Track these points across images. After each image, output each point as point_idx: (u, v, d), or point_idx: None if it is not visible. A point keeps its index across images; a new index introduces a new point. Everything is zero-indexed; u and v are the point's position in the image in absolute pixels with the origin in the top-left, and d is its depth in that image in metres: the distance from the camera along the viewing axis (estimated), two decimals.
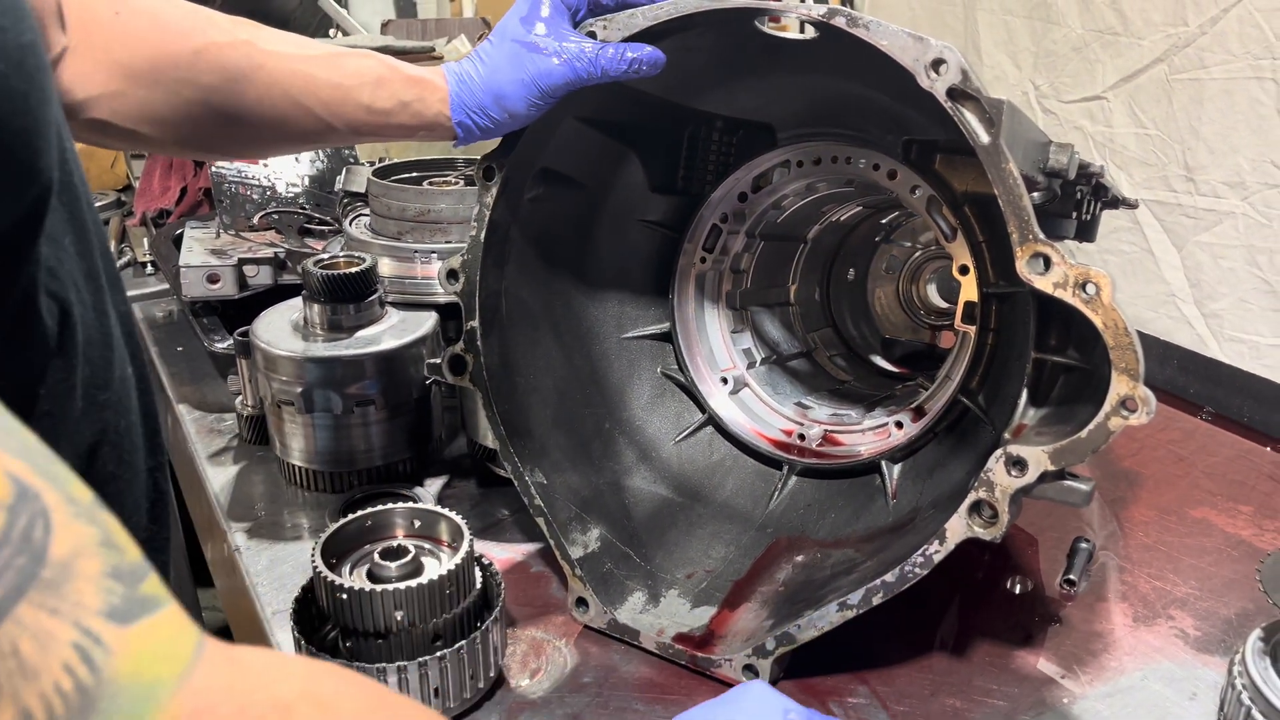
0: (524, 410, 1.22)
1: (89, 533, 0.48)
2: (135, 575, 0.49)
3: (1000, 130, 0.88)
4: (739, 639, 1.08)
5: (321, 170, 1.93)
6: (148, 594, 0.49)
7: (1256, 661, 0.93)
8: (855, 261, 1.59)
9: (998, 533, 0.92)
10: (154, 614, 0.49)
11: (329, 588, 0.98)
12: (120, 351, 0.84)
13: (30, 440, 0.49)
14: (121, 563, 0.48)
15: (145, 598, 0.49)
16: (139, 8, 1.00)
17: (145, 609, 0.48)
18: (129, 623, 0.47)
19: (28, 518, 0.45)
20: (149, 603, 0.49)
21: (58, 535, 0.46)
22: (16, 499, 0.45)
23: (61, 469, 0.49)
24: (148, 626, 0.48)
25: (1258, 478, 1.49)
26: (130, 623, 0.47)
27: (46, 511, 0.46)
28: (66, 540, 0.46)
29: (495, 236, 1.18)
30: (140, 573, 0.49)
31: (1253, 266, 1.80)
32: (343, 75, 1.07)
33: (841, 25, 0.94)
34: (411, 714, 0.65)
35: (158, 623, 0.49)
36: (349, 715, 0.57)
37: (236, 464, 1.52)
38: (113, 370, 0.83)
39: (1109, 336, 0.85)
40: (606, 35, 1.08)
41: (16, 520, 0.45)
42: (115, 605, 0.47)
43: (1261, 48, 1.73)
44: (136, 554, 0.50)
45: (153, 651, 0.48)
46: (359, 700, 0.59)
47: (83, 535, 0.47)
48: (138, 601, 0.48)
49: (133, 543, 0.50)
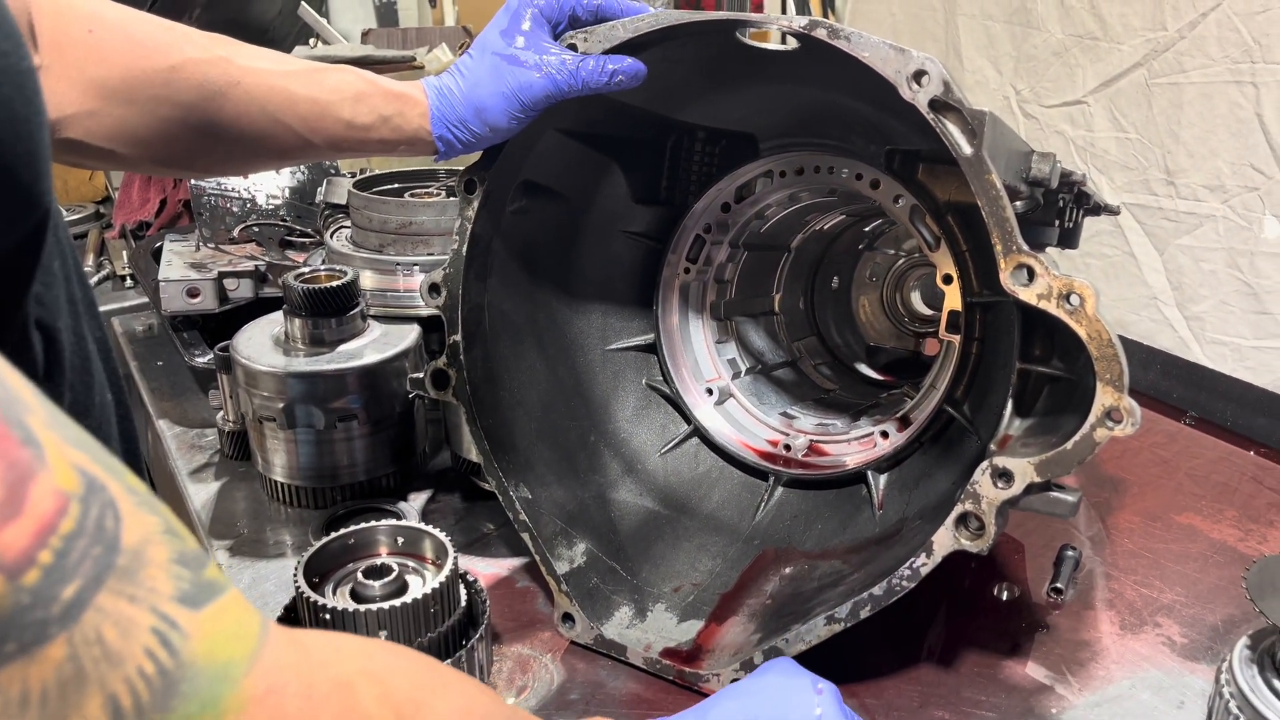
0: (508, 424, 1.22)
1: (153, 521, 0.49)
2: (199, 561, 0.51)
3: (982, 141, 0.87)
4: (726, 653, 1.07)
5: (302, 182, 1.92)
6: (212, 579, 0.51)
7: (1244, 669, 0.93)
8: (839, 270, 1.59)
9: (985, 545, 0.91)
10: (220, 597, 0.51)
11: (311, 608, 0.97)
12: (99, 377, 0.84)
13: (83, 432, 0.50)
14: (185, 549, 0.50)
15: (211, 582, 0.51)
16: (113, 25, 0.99)
17: (213, 593, 0.50)
18: (200, 607, 0.49)
19: (99, 508, 0.46)
20: (214, 587, 0.51)
21: (127, 524, 0.47)
22: (87, 490, 0.46)
23: (115, 460, 0.50)
24: (217, 610, 0.50)
25: (1241, 480, 1.50)
26: (201, 607, 0.49)
27: (114, 502, 0.47)
28: (136, 529, 0.48)
29: (477, 249, 1.17)
30: (202, 559, 0.51)
31: (1233, 269, 1.81)
32: (321, 90, 1.06)
33: (823, 37, 0.93)
34: (460, 684, 0.68)
35: (225, 605, 0.51)
36: (404, 688, 0.60)
37: (218, 480, 1.51)
38: (93, 396, 0.82)
39: (1093, 347, 0.85)
40: (587, 48, 1.07)
41: (89, 511, 0.46)
42: (186, 590, 0.49)
43: (1240, 51, 1.74)
44: (194, 541, 0.52)
45: (225, 633, 0.50)
46: (412, 674, 0.62)
47: (149, 524, 0.49)
48: (205, 586, 0.50)
49: (188, 530, 0.52)
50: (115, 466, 0.49)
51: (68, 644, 0.44)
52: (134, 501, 0.49)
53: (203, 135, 1.06)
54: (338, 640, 0.61)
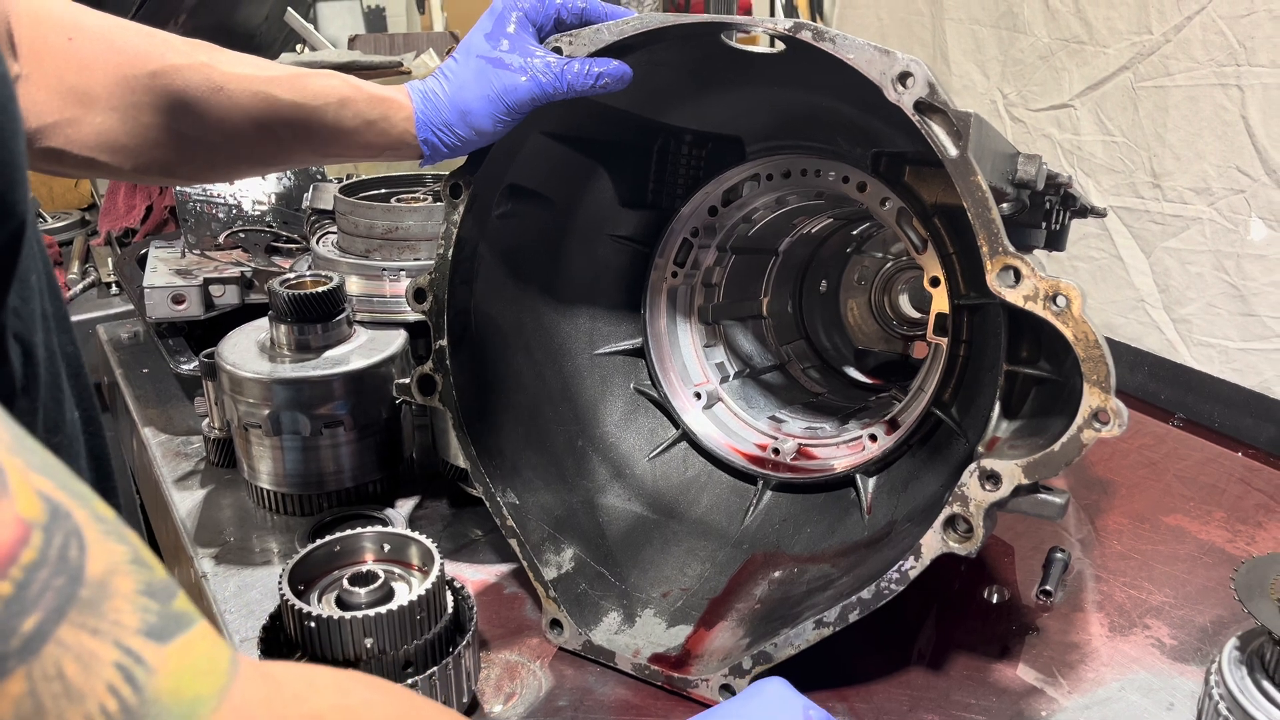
0: (495, 429, 1.21)
1: (120, 550, 0.48)
2: (167, 592, 0.49)
3: (968, 143, 0.87)
4: (715, 658, 1.07)
5: (288, 188, 1.91)
6: (180, 610, 0.49)
7: (1233, 671, 0.92)
8: (827, 273, 1.59)
9: (973, 547, 0.91)
10: (189, 630, 0.49)
11: (297, 615, 0.96)
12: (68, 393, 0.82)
13: (49, 457, 0.49)
14: (153, 580, 0.49)
15: (179, 614, 0.49)
16: (93, 33, 0.98)
17: (180, 626, 0.49)
18: (166, 640, 0.48)
19: (63, 537, 0.45)
20: (183, 619, 0.49)
21: (92, 553, 0.46)
22: (50, 518, 0.45)
23: (82, 486, 0.49)
24: (184, 643, 0.48)
25: (1229, 481, 1.50)
26: (168, 640, 0.48)
27: (79, 530, 0.46)
28: (101, 559, 0.46)
29: (463, 254, 1.17)
30: (171, 590, 0.50)
31: (1220, 271, 1.81)
32: (305, 95, 1.06)
33: (808, 39, 0.93)
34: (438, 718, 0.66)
35: (193, 639, 0.49)
36: None
37: (204, 488, 1.50)
38: (64, 413, 0.81)
39: (1080, 349, 0.85)
40: (572, 51, 1.07)
41: (52, 540, 0.45)
42: (152, 623, 0.47)
43: (1225, 54, 1.75)
44: (164, 571, 0.50)
45: (192, 668, 0.48)
46: (388, 708, 0.61)
47: (115, 553, 0.47)
48: (173, 619, 0.49)
49: (158, 560, 0.50)
50: (82, 493, 0.48)
51: (26, 679, 0.42)
52: (100, 530, 0.47)
53: (185, 142, 1.05)
54: (311, 674, 0.59)
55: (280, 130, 1.07)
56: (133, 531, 0.50)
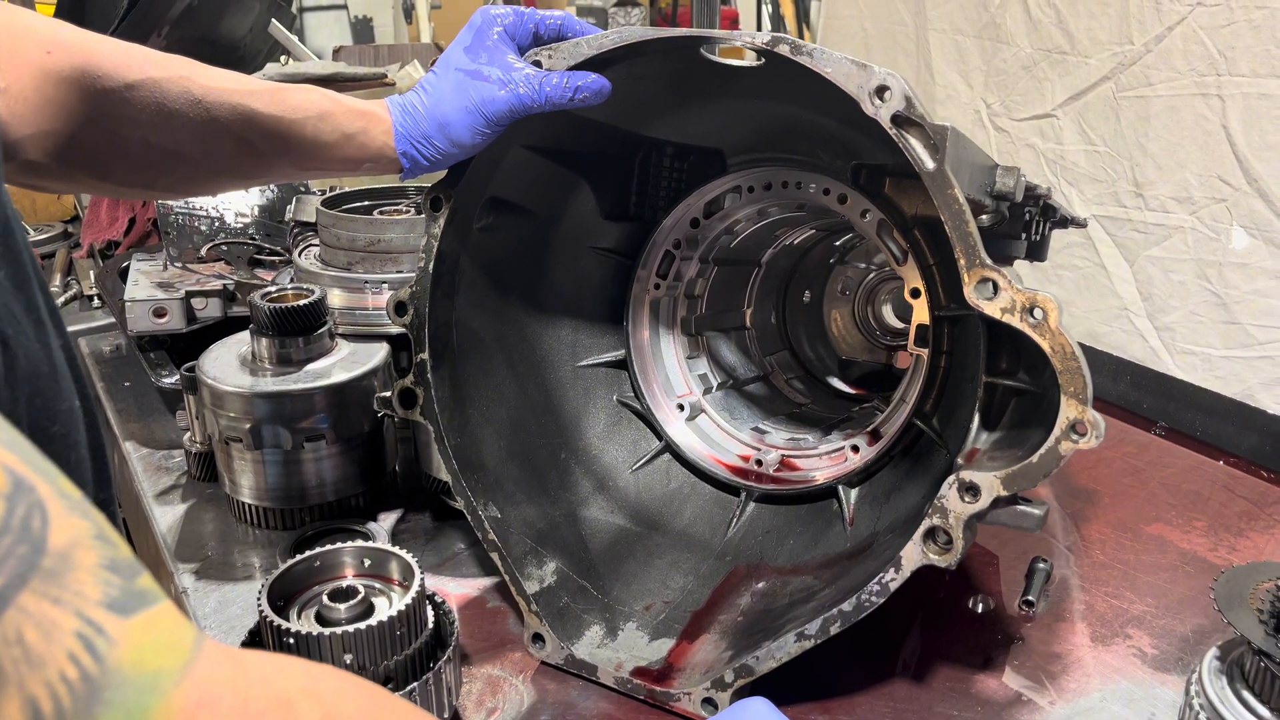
0: (477, 443, 1.21)
1: (84, 525, 0.48)
2: (131, 569, 0.50)
3: (945, 156, 0.88)
4: (698, 671, 1.06)
5: (272, 200, 1.91)
6: (144, 588, 0.50)
7: (1213, 680, 0.93)
8: (810, 284, 1.59)
9: (953, 559, 0.91)
10: (152, 607, 0.49)
11: (275, 632, 0.96)
12: (68, 384, 0.82)
13: (17, 434, 0.49)
14: (117, 556, 0.49)
15: (143, 591, 0.49)
16: (71, 47, 0.98)
17: (144, 602, 0.49)
18: (129, 614, 0.48)
19: (25, 507, 0.46)
20: (146, 596, 0.49)
21: (55, 526, 0.47)
22: (14, 489, 0.46)
23: (49, 465, 0.49)
24: (148, 618, 0.49)
25: (1212, 489, 1.50)
26: (131, 614, 0.48)
27: (42, 503, 0.47)
28: (64, 531, 0.47)
29: (444, 267, 1.16)
30: (135, 568, 0.50)
31: (1202, 280, 1.82)
32: (284, 109, 1.06)
33: (785, 53, 0.93)
34: (410, 717, 0.66)
35: (157, 615, 0.49)
36: (349, 714, 0.58)
37: (185, 502, 1.49)
38: (60, 402, 0.81)
39: (1057, 361, 0.85)
40: (552, 64, 1.07)
41: (15, 509, 0.45)
42: (114, 597, 0.48)
43: (1206, 64, 1.76)
44: (128, 551, 0.50)
45: (155, 642, 0.48)
46: (359, 700, 0.60)
47: (79, 527, 0.48)
48: (135, 594, 0.49)
49: (123, 540, 0.51)
50: (48, 470, 0.49)
51: None
52: (64, 505, 0.48)
53: (165, 156, 1.05)
54: (281, 660, 0.58)
55: (260, 144, 1.06)
56: (98, 511, 0.50)
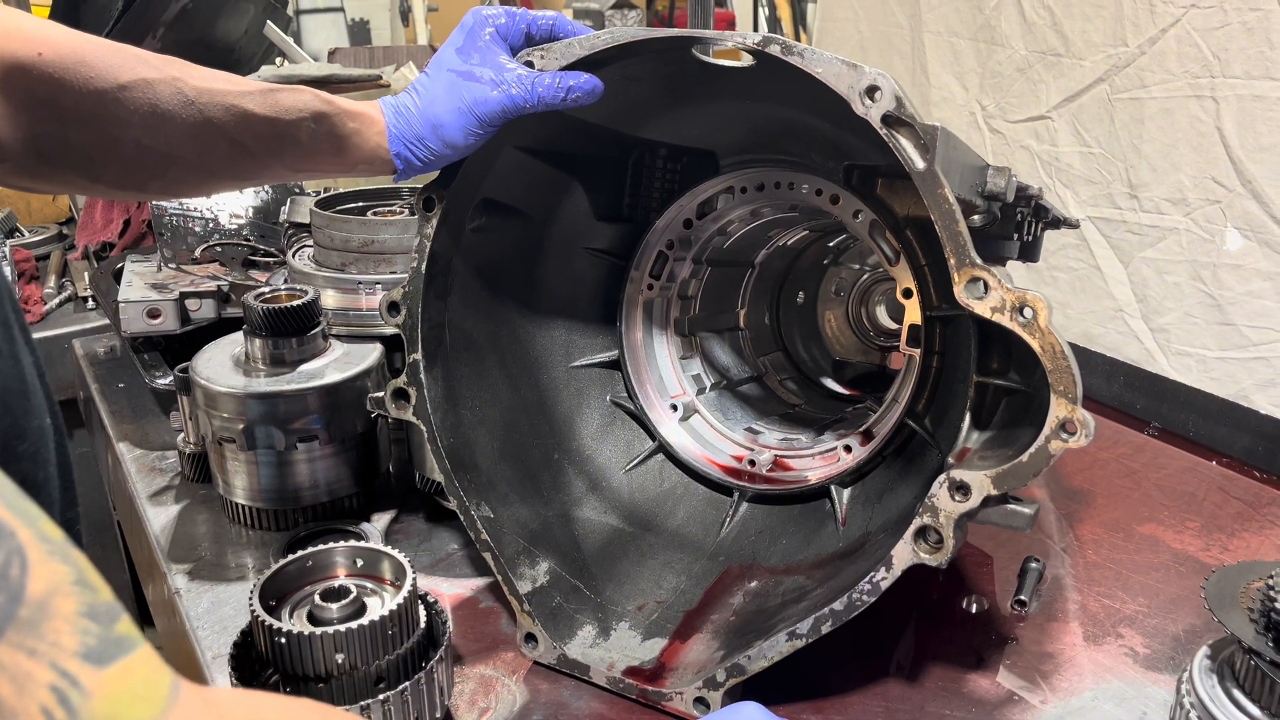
0: (470, 443, 1.21)
1: (63, 571, 0.48)
2: (110, 615, 0.49)
3: (935, 156, 0.88)
4: (690, 671, 1.06)
5: (266, 201, 1.91)
6: (122, 634, 0.49)
7: (1204, 679, 0.93)
8: (804, 285, 1.59)
9: (943, 558, 0.91)
10: (129, 655, 0.49)
11: (267, 631, 0.96)
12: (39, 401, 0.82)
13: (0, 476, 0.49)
14: (96, 602, 0.49)
15: (120, 638, 0.49)
16: (63, 48, 0.97)
17: (121, 650, 0.48)
18: (105, 664, 0.47)
19: (4, 554, 0.45)
20: (124, 643, 0.49)
21: (34, 573, 0.46)
22: None
23: (30, 505, 0.49)
24: (123, 668, 0.48)
25: (1206, 490, 1.51)
26: (106, 664, 0.47)
27: (22, 549, 0.46)
28: (42, 578, 0.46)
29: (437, 268, 1.17)
30: (114, 613, 0.49)
31: (1197, 281, 1.82)
32: (278, 110, 1.05)
33: (776, 53, 0.94)
34: None
35: (133, 664, 0.49)
36: None
37: (178, 503, 1.49)
38: (31, 420, 0.80)
39: (1046, 360, 0.85)
40: (544, 65, 1.07)
41: None
42: (91, 646, 0.47)
43: (1200, 66, 1.76)
44: (109, 593, 0.50)
45: (129, 693, 0.48)
46: None
47: (58, 573, 0.47)
48: (113, 642, 0.48)
49: (104, 582, 0.50)
50: (29, 512, 0.48)
51: None
52: (45, 550, 0.47)
53: (157, 157, 1.04)
54: (257, 701, 0.58)
55: (253, 145, 1.06)
56: (79, 553, 0.50)
